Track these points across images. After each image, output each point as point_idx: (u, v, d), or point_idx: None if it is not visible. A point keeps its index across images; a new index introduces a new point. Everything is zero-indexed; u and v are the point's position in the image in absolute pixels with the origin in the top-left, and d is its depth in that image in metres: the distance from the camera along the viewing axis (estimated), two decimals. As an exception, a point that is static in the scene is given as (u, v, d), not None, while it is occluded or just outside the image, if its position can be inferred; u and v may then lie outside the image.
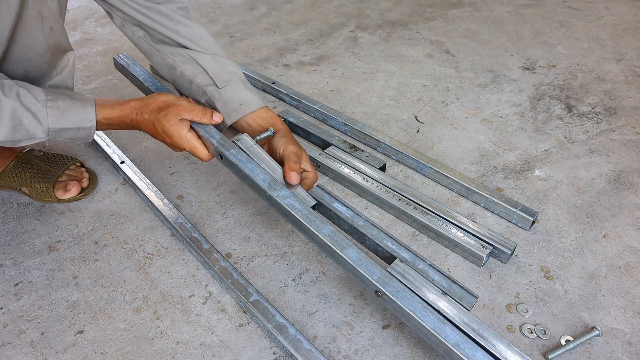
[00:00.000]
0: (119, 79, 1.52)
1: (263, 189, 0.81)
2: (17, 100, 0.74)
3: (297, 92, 1.40)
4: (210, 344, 0.78)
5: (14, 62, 0.82)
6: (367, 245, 0.84)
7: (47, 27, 0.80)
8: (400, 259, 0.79)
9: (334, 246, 0.74)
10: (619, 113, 1.39)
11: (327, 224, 0.77)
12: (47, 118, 0.76)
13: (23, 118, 0.74)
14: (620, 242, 0.98)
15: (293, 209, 0.78)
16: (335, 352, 0.77)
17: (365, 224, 0.85)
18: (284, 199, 0.79)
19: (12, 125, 0.73)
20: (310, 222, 0.77)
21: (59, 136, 0.79)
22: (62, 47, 0.86)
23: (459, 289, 0.77)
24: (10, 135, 0.74)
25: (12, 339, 0.79)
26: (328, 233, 0.75)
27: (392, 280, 0.71)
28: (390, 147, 1.18)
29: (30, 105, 0.75)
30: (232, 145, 0.86)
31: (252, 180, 0.82)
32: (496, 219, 1.03)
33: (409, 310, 0.69)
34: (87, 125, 0.81)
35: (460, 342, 0.66)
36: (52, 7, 0.80)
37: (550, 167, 1.18)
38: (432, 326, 0.67)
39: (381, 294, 0.71)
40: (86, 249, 0.94)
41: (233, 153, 0.85)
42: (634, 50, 1.74)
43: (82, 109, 0.81)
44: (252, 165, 0.84)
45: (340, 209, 0.87)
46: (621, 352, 0.78)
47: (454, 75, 1.58)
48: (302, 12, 2.05)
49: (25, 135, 0.76)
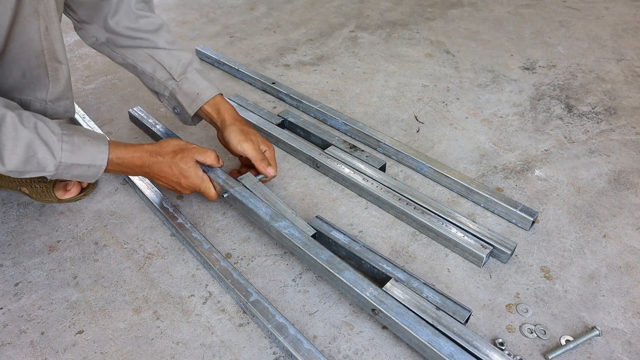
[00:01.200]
0: (118, 79, 1.52)
1: (266, 220, 0.89)
2: (34, 132, 0.74)
3: (297, 92, 1.40)
4: (210, 344, 0.78)
5: (11, 60, 0.81)
6: (364, 268, 0.89)
7: (43, 27, 0.80)
8: (395, 279, 0.83)
9: (332, 269, 0.81)
10: (619, 113, 1.39)
11: (324, 250, 0.84)
12: (60, 152, 0.77)
13: (37, 150, 0.74)
14: (620, 242, 0.98)
15: (293, 238, 0.86)
16: (335, 352, 0.77)
17: (361, 249, 0.90)
18: (285, 229, 0.87)
19: (25, 157, 0.74)
20: (309, 249, 0.84)
21: (66, 172, 0.80)
22: (56, 54, 0.85)
23: (452, 304, 0.80)
24: (22, 165, 0.74)
25: (12, 339, 0.79)
26: (326, 258, 0.83)
27: (387, 298, 0.77)
28: (390, 147, 1.18)
29: (46, 138, 0.75)
30: (237, 184, 0.96)
31: (255, 213, 0.91)
32: (496, 219, 1.03)
33: (404, 326, 0.73)
34: (98, 163, 0.82)
35: (455, 353, 0.70)
36: (49, 6, 0.79)
37: (550, 167, 1.18)
38: (427, 339, 0.72)
39: (377, 311, 0.76)
40: (86, 249, 0.94)
41: (237, 190, 0.95)
42: (634, 50, 1.74)
43: (97, 146, 0.82)
44: (255, 200, 0.93)
45: (338, 237, 0.92)
46: (621, 352, 0.78)
47: (454, 75, 1.58)
48: (302, 12, 2.05)
49: (35, 167, 0.76)
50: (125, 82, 1.50)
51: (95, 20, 0.98)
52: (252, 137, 1.00)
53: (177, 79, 1.00)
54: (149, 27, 0.99)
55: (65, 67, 0.89)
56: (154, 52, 1.00)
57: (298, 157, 1.19)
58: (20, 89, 0.87)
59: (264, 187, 0.97)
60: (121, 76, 1.53)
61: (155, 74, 1.00)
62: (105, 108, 1.38)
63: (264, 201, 0.93)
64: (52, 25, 0.82)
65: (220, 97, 1.03)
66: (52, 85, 0.88)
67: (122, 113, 1.35)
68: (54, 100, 0.90)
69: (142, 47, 0.99)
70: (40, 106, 0.89)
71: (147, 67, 1.00)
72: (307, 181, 1.12)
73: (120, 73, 1.55)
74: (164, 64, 0.99)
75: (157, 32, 1.00)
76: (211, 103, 1.02)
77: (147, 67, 1.00)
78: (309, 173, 1.15)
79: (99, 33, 0.99)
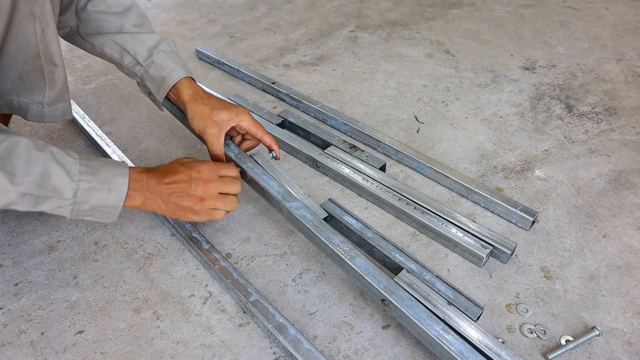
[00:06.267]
0: (119, 79, 1.52)
1: (277, 199, 0.85)
2: (49, 155, 0.69)
3: (297, 92, 1.40)
4: (210, 344, 0.78)
5: (8, 63, 0.81)
6: (376, 256, 0.87)
7: (39, 29, 0.79)
8: (407, 270, 0.82)
9: (343, 255, 0.78)
10: (619, 113, 1.39)
11: (337, 234, 0.81)
12: (78, 175, 0.70)
13: (52, 172, 0.68)
14: (620, 242, 0.98)
15: (305, 220, 0.83)
16: (335, 352, 0.77)
17: (374, 236, 0.88)
18: (297, 210, 0.84)
19: (39, 179, 0.68)
20: (320, 232, 0.81)
21: (85, 198, 0.71)
22: (52, 57, 0.84)
23: (465, 300, 0.79)
24: (36, 189, 0.68)
25: (12, 339, 0.79)
26: (338, 243, 0.79)
27: (398, 290, 0.74)
28: (390, 147, 1.18)
29: (62, 161, 0.70)
30: (249, 159, 0.91)
31: (267, 191, 0.87)
32: (496, 219, 1.03)
33: (414, 318, 0.71)
34: (118, 186, 0.73)
35: (464, 351, 0.68)
36: (45, 8, 0.79)
37: (550, 167, 1.18)
38: (437, 334, 0.69)
39: (387, 302, 0.74)
40: (86, 249, 0.94)
41: (250, 166, 0.90)
42: (634, 50, 1.74)
43: (115, 168, 0.75)
44: (267, 177, 0.89)
45: (351, 222, 0.90)
46: (621, 352, 0.78)
47: (454, 75, 1.58)
48: (302, 12, 2.05)
49: (51, 192, 0.69)
50: (125, 82, 1.50)
51: (69, 8, 0.93)
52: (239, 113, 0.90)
53: (144, 64, 0.93)
54: (116, 8, 0.94)
55: (62, 69, 0.88)
56: (118, 38, 0.93)
57: (298, 157, 1.19)
58: (18, 92, 0.86)
59: (276, 165, 0.94)
60: (121, 76, 1.53)
61: (123, 60, 0.95)
62: (105, 108, 1.37)
63: (275, 179, 0.89)
64: (47, 27, 0.81)
65: (187, 80, 0.93)
66: (48, 88, 0.87)
67: (122, 113, 1.35)
68: (51, 103, 0.89)
69: (108, 33, 0.94)
70: (37, 109, 0.89)
71: (115, 54, 0.95)
72: (307, 181, 1.12)
73: (120, 73, 1.55)
74: (128, 49, 0.93)
75: (124, 14, 0.94)
76: (177, 86, 0.93)
77: (114, 54, 0.94)
78: (309, 173, 1.15)
79: (72, 21, 0.95)
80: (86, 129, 1.21)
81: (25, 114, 0.89)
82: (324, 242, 0.80)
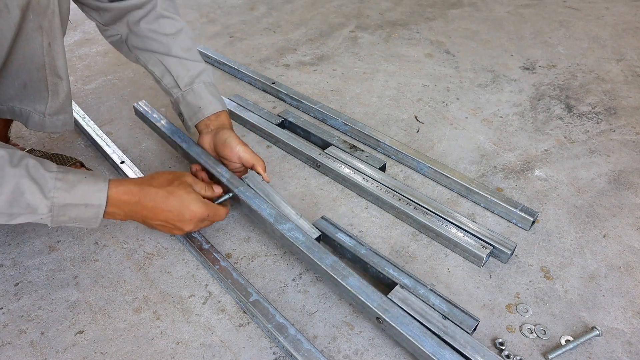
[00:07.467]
0: (118, 79, 1.52)
1: (270, 222, 0.88)
2: (24, 170, 0.68)
3: (297, 92, 1.40)
4: (210, 344, 0.78)
5: (14, 71, 0.82)
6: (370, 272, 0.88)
7: (46, 43, 0.81)
8: (401, 285, 0.82)
9: (336, 275, 0.79)
10: (619, 113, 1.39)
11: (329, 255, 0.82)
12: (52, 191, 0.70)
13: (25, 189, 0.67)
14: (620, 242, 0.98)
15: (297, 241, 0.84)
16: (335, 352, 0.77)
17: (367, 253, 0.89)
18: (289, 232, 0.86)
19: (11, 197, 0.67)
20: (313, 253, 0.82)
21: (62, 213, 0.72)
22: (57, 70, 0.85)
23: (460, 312, 0.79)
24: (7, 207, 0.67)
25: (12, 339, 0.79)
26: (330, 263, 0.81)
27: (392, 307, 0.75)
28: (390, 147, 1.18)
29: (37, 177, 0.69)
30: (241, 183, 0.94)
31: (260, 214, 0.89)
32: (496, 219, 1.03)
33: (408, 336, 0.71)
34: (95, 202, 0.74)
35: None
36: (53, 23, 0.80)
37: (550, 167, 1.18)
38: (431, 351, 0.70)
39: (382, 320, 0.75)
40: (86, 249, 0.94)
41: (242, 190, 0.93)
42: (634, 50, 1.74)
43: (94, 184, 0.74)
44: (259, 200, 0.91)
45: (344, 239, 0.91)
46: (621, 352, 0.78)
47: (454, 75, 1.58)
48: (302, 12, 2.05)
49: (24, 209, 0.68)
50: (125, 82, 1.50)
51: (121, 19, 0.97)
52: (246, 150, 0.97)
53: (183, 89, 0.99)
54: (168, 29, 0.98)
55: (66, 82, 0.89)
56: (164, 59, 0.99)
57: (298, 157, 1.19)
58: (20, 99, 0.87)
59: (267, 187, 0.97)
60: (121, 76, 1.53)
61: (163, 79, 1.00)
62: (105, 108, 1.38)
63: (267, 202, 0.92)
64: (55, 41, 0.82)
65: (224, 114, 1.01)
66: (51, 100, 0.88)
67: (122, 113, 1.35)
68: (53, 114, 0.90)
69: (156, 52, 0.98)
70: (39, 119, 0.89)
71: (156, 72, 1.00)
72: (307, 181, 1.12)
73: (120, 73, 1.55)
74: (172, 72, 0.99)
75: (174, 37, 0.99)
76: (214, 118, 1.00)
77: (156, 70, 1.00)
78: (309, 173, 1.15)
79: (123, 30, 0.99)
80: (86, 129, 1.21)
81: (27, 121, 0.90)
82: (316, 262, 0.81)
